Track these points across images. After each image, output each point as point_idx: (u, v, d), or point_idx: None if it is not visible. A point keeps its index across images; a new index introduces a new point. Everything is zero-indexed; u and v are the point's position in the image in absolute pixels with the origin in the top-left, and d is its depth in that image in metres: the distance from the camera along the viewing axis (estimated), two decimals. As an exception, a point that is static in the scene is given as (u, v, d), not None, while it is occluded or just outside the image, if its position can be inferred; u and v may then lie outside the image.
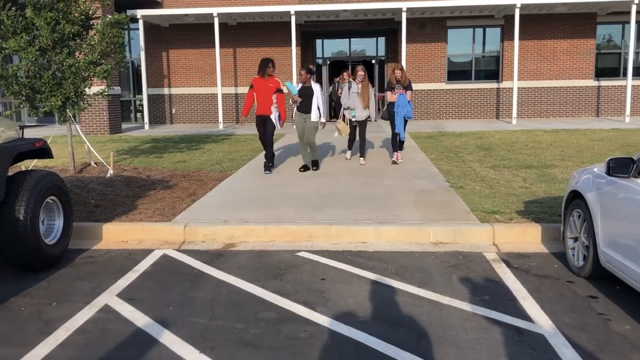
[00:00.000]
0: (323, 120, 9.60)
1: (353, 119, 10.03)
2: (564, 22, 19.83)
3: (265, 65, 9.27)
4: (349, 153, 10.70)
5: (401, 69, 10.11)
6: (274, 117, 9.29)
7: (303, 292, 4.55)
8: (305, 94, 9.41)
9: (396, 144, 10.31)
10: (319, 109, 9.40)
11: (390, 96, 10.20)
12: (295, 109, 9.63)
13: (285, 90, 9.55)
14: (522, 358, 3.43)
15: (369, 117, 10.15)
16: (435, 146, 12.53)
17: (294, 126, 9.82)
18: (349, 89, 10.02)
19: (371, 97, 10.05)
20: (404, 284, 4.70)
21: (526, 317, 4.02)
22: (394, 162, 10.11)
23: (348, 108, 10.08)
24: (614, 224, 4.28)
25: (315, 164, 9.73)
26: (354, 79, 10.08)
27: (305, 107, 9.44)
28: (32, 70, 8.65)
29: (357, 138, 10.26)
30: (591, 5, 18.57)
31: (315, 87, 9.45)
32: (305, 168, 9.59)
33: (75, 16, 8.89)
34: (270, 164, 9.53)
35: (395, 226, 6.06)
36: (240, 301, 4.38)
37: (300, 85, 9.55)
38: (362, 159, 10.18)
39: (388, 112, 10.28)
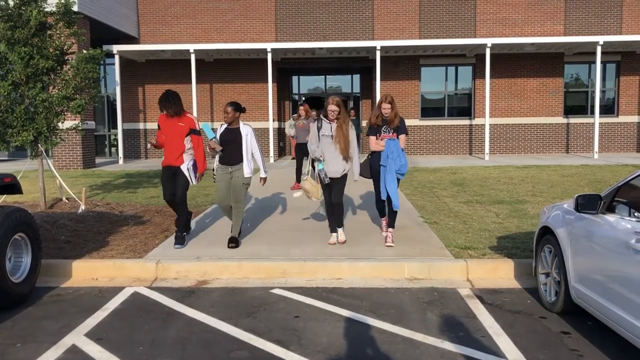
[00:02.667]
0: (263, 174, 7.09)
1: (322, 176, 6.73)
2: (533, 61, 20.44)
3: (166, 100, 6.74)
4: (333, 237, 6.93)
5: (391, 102, 6.81)
6: (186, 168, 6.87)
7: (276, 331, 4.49)
8: (229, 139, 6.79)
9: (385, 214, 7.17)
10: (254, 159, 6.93)
11: (374, 143, 6.91)
12: (216, 160, 7.00)
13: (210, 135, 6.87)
14: (496, 396, 3.41)
15: (345, 173, 6.84)
16: (409, 181, 12.65)
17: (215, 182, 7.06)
18: (319, 130, 6.80)
19: (352, 143, 6.79)
20: (378, 321, 4.67)
21: (500, 354, 4.01)
22: (388, 245, 6.74)
23: (317, 159, 6.85)
24: (583, 260, 4.34)
25: (234, 241, 6.80)
26: (325, 116, 6.80)
27: (230, 156, 6.81)
28: (4, 104, 8.56)
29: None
30: (558, 45, 19.21)
31: (245, 129, 6.84)
32: (234, 242, 6.82)
33: (50, 51, 8.87)
34: (183, 234, 6.95)
35: (370, 262, 6.06)
36: (212, 340, 4.29)
37: (223, 126, 6.93)
38: (335, 234, 6.93)
39: (370, 167, 7.02)
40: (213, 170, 7.04)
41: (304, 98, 12.20)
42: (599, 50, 18.07)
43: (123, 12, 19.30)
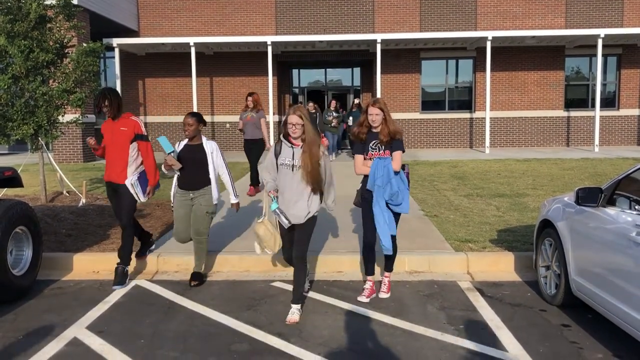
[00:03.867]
0: (234, 200, 5.76)
1: (279, 219, 4.75)
2: (534, 54, 20.37)
3: (103, 98, 5.48)
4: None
5: (382, 107, 4.97)
6: (130, 183, 5.53)
7: (277, 323, 4.50)
8: (190, 158, 5.51)
9: (372, 270, 5.25)
10: (221, 181, 5.75)
11: (360, 165, 5.12)
12: (174, 183, 5.67)
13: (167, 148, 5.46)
14: (496, 388, 3.43)
15: (313, 215, 4.79)
16: (410, 175, 12.63)
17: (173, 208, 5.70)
18: (276, 156, 4.76)
19: (326, 175, 4.80)
20: (379, 314, 4.68)
21: (500, 347, 4.03)
22: (381, 297, 5.16)
23: (273, 196, 4.74)
24: (584, 253, 4.35)
25: (198, 277, 5.55)
26: (286, 136, 4.72)
27: (191, 179, 5.52)
28: (4, 98, 8.55)
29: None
30: (559, 38, 19.14)
31: (210, 145, 5.58)
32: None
33: (50, 44, 8.85)
34: (125, 268, 5.58)
35: (371, 255, 6.06)
36: (213, 333, 4.31)
37: (183, 143, 5.65)
38: (293, 311, 4.65)
39: (360, 195, 5.26)
40: (172, 197, 5.69)
41: (250, 92, 10.05)
42: (600, 43, 18.01)
43: (123, 5, 19.23)
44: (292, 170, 4.64)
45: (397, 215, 5.12)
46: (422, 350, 3.97)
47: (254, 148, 10.09)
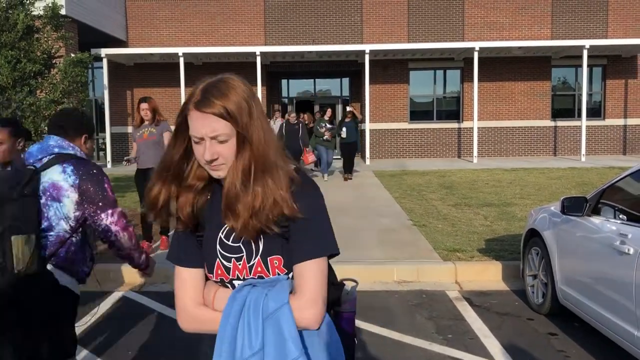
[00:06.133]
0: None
1: None
2: (521, 65, 20.58)
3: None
4: None
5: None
6: None
7: (266, 334, 4.48)
8: None
9: None
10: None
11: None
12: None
13: None
14: (484, 397, 3.44)
15: None
16: (398, 184, 12.69)
17: None
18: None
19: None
20: (367, 324, 4.68)
21: (488, 355, 4.04)
22: None
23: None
24: (569, 262, 4.39)
25: None
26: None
27: None
28: (-10, 108, 8.51)
29: None
30: (545, 49, 19.37)
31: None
32: None
33: (37, 55, 8.83)
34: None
35: (360, 265, 6.07)
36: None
37: None
38: None
39: None
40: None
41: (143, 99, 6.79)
42: (585, 54, 18.24)
43: (111, 16, 19.22)
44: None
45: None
46: (410, 360, 3.97)
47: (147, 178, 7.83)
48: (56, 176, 2.65)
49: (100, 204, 2.69)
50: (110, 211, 2.72)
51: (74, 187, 2.66)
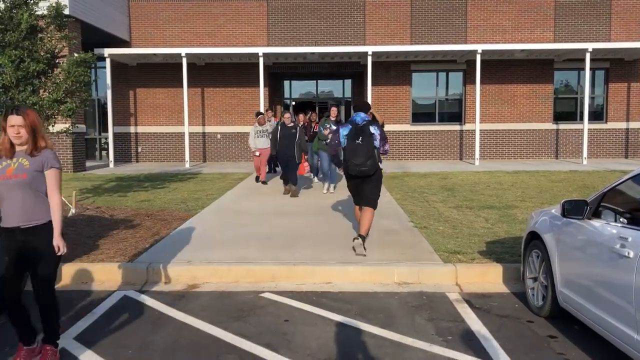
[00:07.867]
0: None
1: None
2: (523, 67, 20.59)
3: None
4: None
5: None
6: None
7: (266, 334, 4.50)
8: None
9: None
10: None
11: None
12: None
13: None
14: (483, 399, 3.45)
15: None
16: (400, 186, 12.69)
17: None
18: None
19: None
20: (368, 325, 4.70)
21: (487, 357, 4.05)
22: None
23: None
24: (570, 265, 4.40)
25: None
26: None
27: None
28: (-7, 107, 8.53)
29: None
30: (548, 52, 19.37)
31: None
32: None
33: (41, 54, 8.84)
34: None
35: (360, 266, 6.08)
36: (202, 344, 4.30)
37: None
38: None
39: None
40: None
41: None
42: (588, 57, 18.24)
43: (115, 16, 19.27)
44: None
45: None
46: (410, 362, 3.98)
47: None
48: None
49: None
50: None
51: None
